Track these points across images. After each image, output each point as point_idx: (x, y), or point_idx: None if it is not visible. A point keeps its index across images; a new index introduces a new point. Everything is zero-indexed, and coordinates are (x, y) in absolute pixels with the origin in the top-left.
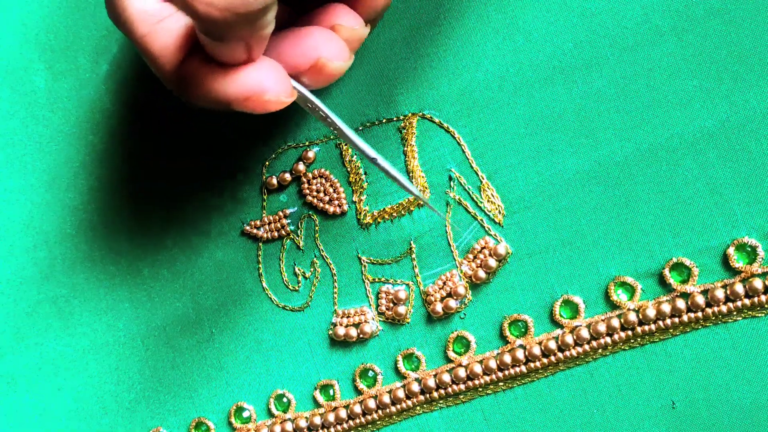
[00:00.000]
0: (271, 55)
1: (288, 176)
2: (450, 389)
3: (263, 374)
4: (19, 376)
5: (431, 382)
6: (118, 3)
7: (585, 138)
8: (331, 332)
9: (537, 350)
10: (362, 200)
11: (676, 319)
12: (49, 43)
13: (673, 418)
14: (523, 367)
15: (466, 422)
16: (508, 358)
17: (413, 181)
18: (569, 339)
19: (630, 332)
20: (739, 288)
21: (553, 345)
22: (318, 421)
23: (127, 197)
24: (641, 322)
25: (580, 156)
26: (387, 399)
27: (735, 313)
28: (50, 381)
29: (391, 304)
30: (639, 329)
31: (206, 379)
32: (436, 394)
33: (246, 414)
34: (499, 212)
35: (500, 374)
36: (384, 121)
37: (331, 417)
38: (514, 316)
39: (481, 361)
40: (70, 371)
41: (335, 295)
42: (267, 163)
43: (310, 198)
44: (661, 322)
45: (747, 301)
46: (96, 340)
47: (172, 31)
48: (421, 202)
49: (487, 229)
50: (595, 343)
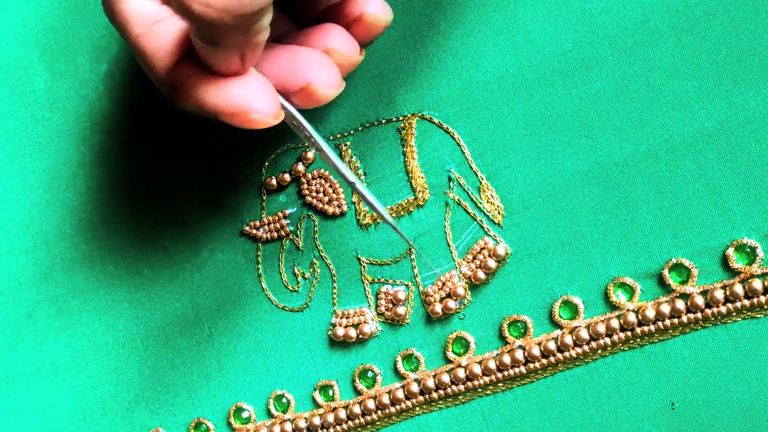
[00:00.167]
0: (264, 71)
1: (287, 177)
2: (449, 390)
3: (262, 375)
4: (19, 377)
5: (430, 383)
6: (114, 3)
7: (584, 138)
8: (330, 333)
9: (536, 351)
10: (362, 201)
11: (676, 320)
12: (49, 43)
13: (673, 418)
14: (523, 368)
15: (466, 423)
16: (507, 359)
17: (413, 181)
18: (569, 340)
19: (629, 333)
20: (739, 289)
21: (552, 346)
22: (317, 421)
23: (126, 197)
24: (640, 323)
25: (579, 156)
26: (386, 399)
27: (734, 314)
28: (50, 381)
29: (391, 305)
30: (638, 330)
31: (205, 379)
32: (435, 395)
33: (245, 414)
34: (499, 213)
35: (499, 375)
36: (383, 121)
37: (331, 417)
38: (514, 317)
39: (481, 362)
40: (70, 371)
41: (334, 296)
42: (266, 164)
43: (310, 198)
44: (660, 323)
45: (746, 302)
46: (95, 340)
47: (166, 34)
48: (421, 203)
49: (487, 230)
50: (594, 344)
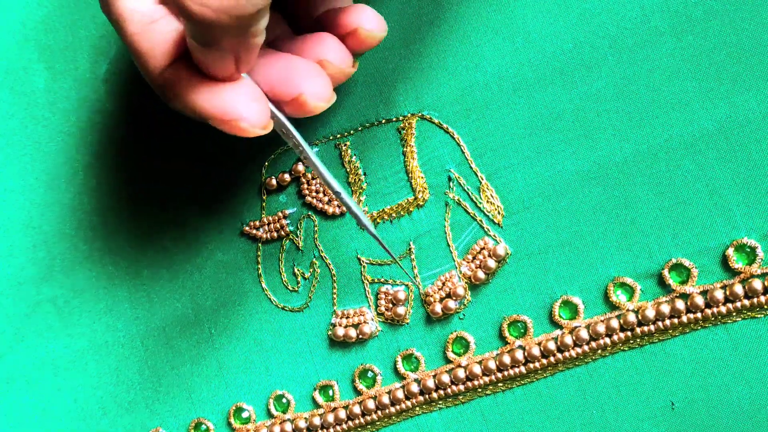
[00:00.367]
0: (257, 78)
1: (287, 177)
2: (449, 390)
3: (262, 375)
4: (19, 377)
5: (430, 383)
6: (111, 0)
7: (584, 139)
8: (330, 333)
9: (536, 351)
10: (361, 201)
11: (676, 320)
12: (49, 43)
13: (673, 418)
14: (523, 368)
15: (466, 423)
16: (507, 359)
17: (412, 181)
18: (568, 340)
19: (629, 333)
20: (739, 289)
21: (552, 346)
22: (317, 421)
23: (126, 198)
24: (640, 323)
25: (579, 157)
26: (386, 399)
27: (734, 314)
28: (49, 381)
29: (391, 305)
30: (638, 330)
31: (205, 379)
32: (435, 395)
33: (245, 414)
34: (499, 213)
35: (499, 375)
36: (383, 121)
37: (331, 417)
38: (514, 317)
39: (481, 362)
40: (70, 371)
41: (334, 296)
42: (266, 164)
43: (310, 198)
44: (660, 323)
45: (746, 302)
46: (95, 340)
47: (162, 34)
48: (421, 203)
49: (487, 230)
50: (594, 344)
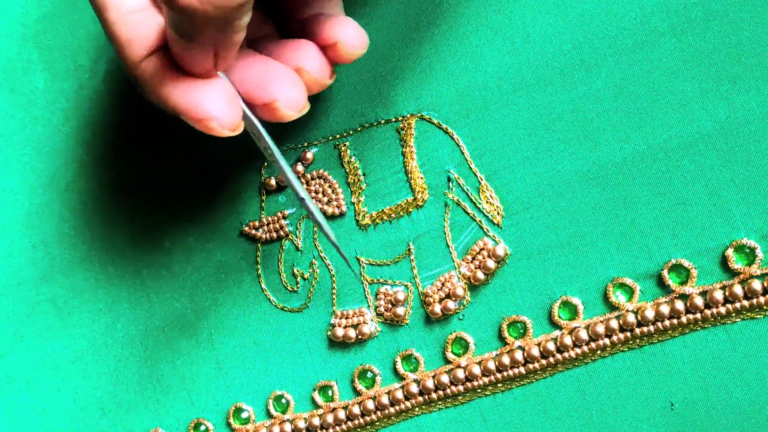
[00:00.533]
0: (233, 78)
1: None
2: (449, 390)
3: (262, 375)
4: (18, 377)
5: (430, 383)
6: None
7: (584, 139)
8: (329, 333)
9: (536, 351)
10: (361, 201)
11: (675, 321)
12: (49, 43)
13: (672, 419)
14: (522, 369)
15: (465, 423)
16: (506, 360)
17: (412, 182)
18: (568, 340)
19: (629, 333)
20: (738, 289)
21: (551, 346)
22: (317, 422)
23: (125, 198)
24: (640, 324)
25: (578, 157)
26: (386, 400)
27: (734, 315)
28: (49, 381)
29: (390, 305)
30: (638, 330)
31: (205, 379)
32: (434, 395)
33: (245, 415)
34: (498, 213)
35: (499, 375)
36: (382, 122)
37: (330, 418)
38: (513, 318)
39: (480, 363)
40: (69, 371)
41: (334, 296)
42: (265, 164)
43: None
44: (659, 324)
45: (746, 303)
46: (95, 340)
47: (141, 25)
48: (420, 204)
49: (486, 231)
50: (593, 345)
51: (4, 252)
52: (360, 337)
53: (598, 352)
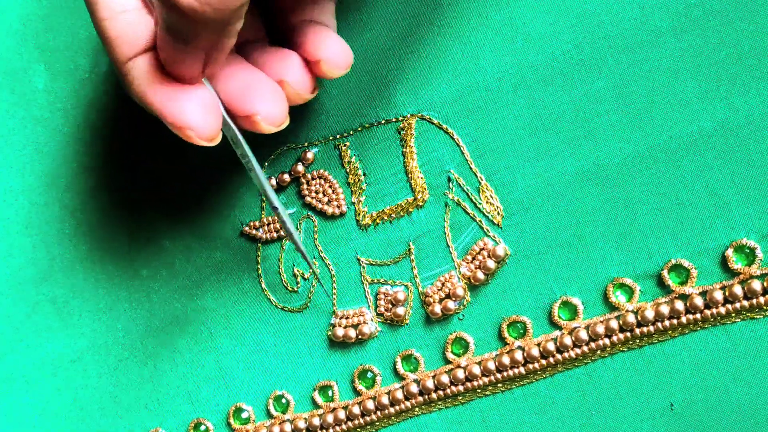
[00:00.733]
0: (216, 86)
1: (287, 177)
2: (449, 390)
3: (262, 375)
4: (19, 377)
5: (430, 384)
6: None
7: (584, 139)
8: (330, 333)
9: (536, 351)
10: (361, 201)
11: (675, 321)
12: (49, 43)
13: (672, 419)
14: (522, 369)
15: (465, 423)
16: (506, 360)
17: (412, 182)
18: (568, 340)
19: (629, 334)
20: (738, 290)
21: (551, 346)
22: (317, 422)
23: (125, 198)
24: (640, 324)
25: (579, 157)
26: (386, 400)
27: (733, 315)
28: (49, 381)
29: (390, 305)
30: (638, 331)
31: (205, 379)
32: (434, 395)
33: (245, 415)
34: (498, 213)
35: (499, 375)
36: (383, 122)
37: (330, 418)
38: (513, 318)
39: (480, 363)
40: (70, 371)
41: (334, 296)
42: (266, 164)
43: (309, 199)
44: (659, 324)
45: (745, 303)
46: (95, 340)
47: (131, 24)
48: (420, 204)
49: (486, 231)
50: (593, 345)
51: (5, 252)
52: (360, 337)
53: (598, 352)
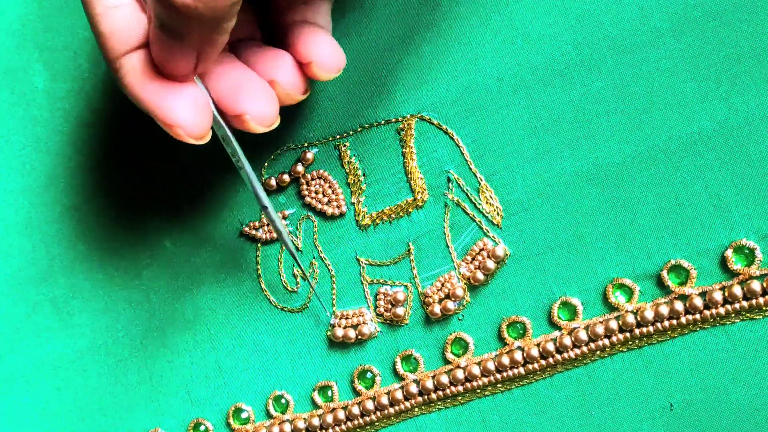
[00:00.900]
0: (208, 83)
1: (287, 177)
2: (448, 391)
3: (262, 375)
4: (18, 377)
5: (429, 384)
6: None
7: (583, 140)
8: (329, 333)
9: (535, 352)
10: (361, 201)
11: (674, 321)
12: (48, 43)
13: (671, 419)
14: (522, 369)
15: (465, 424)
16: (506, 360)
17: (411, 182)
18: (567, 341)
19: (628, 334)
20: (737, 290)
21: (551, 347)
22: (316, 422)
23: (125, 198)
24: (639, 324)
25: (578, 158)
26: (385, 400)
27: (733, 316)
28: (49, 381)
29: (390, 306)
30: (637, 331)
31: (204, 379)
32: (434, 396)
33: (244, 415)
34: (498, 214)
35: (498, 376)
36: (382, 122)
37: (330, 418)
38: (513, 318)
39: (480, 363)
40: (69, 372)
41: (334, 296)
42: (266, 165)
43: (309, 199)
44: (659, 324)
45: (745, 304)
46: (95, 340)
47: (124, 20)
48: (420, 204)
49: (486, 231)
50: (593, 345)
51: (4, 252)
52: (360, 337)
53: (598, 352)
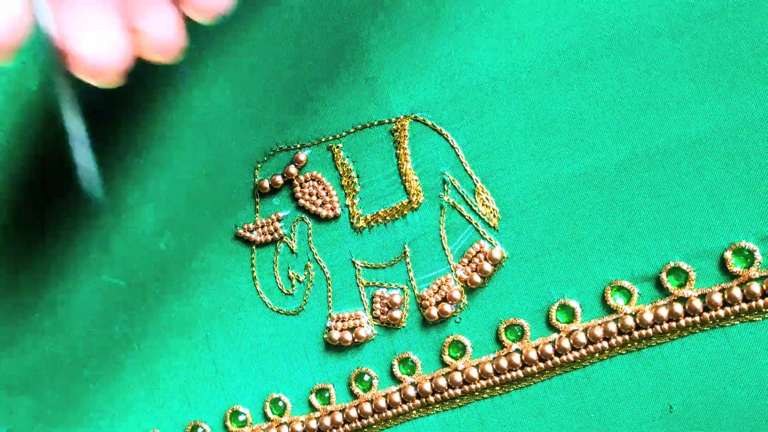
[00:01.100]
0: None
1: (280, 179)
2: (446, 394)
3: (259, 378)
4: (15, 381)
5: (427, 387)
6: None
7: (580, 141)
8: (325, 336)
9: (533, 355)
10: (355, 203)
11: (674, 324)
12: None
13: (671, 422)
14: (520, 372)
15: (463, 427)
16: (504, 363)
17: (406, 184)
18: (566, 343)
19: (627, 336)
20: (737, 292)
21: (549, 349)
22: (314, 425)
23: (121, 199)
24: (638, 327)
25: (575, 159)
26: (383, 403)
27: (732, 318)
28: (47, 384)
29: (386, 309)
30: (636, 333)
31: (202, 382)
32: (432, 399)
33: (242, 418)
34: (494, 216)
35: (496, 379)
36: (376, 123)
37: (327, 421)
38: (510, 321)
39: (478, 366)
40: (67, 374)
41: (329, 299)
42: (259, 166)
43: (303, 201)
44: (658, 327)
45: (744, 306)
46: (91, 343)
47: None
48: (415, 206)
49: (482, 233)
50: (591, 348)
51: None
52: (356, 340)
53: (596, 355)
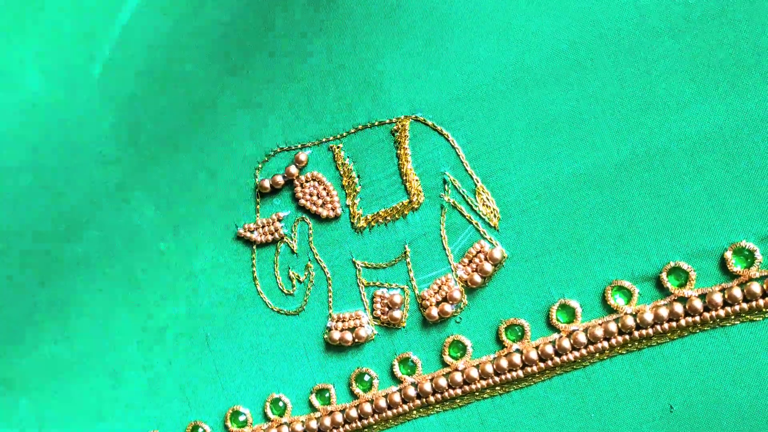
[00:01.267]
0: None
1: (280, 179)
2: (446, 393)
3: (259, 378)
4: (16, 381)
5: (427, 387)
6: None
7: (581, 141)
8: (326, 336)
9: (534, 355)
10: (356, 203)
11: (674, 323)
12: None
13: (671, 422)
14: (520, 372)
15: (463, 427)
16: (504, 363)
17: (407, 184)
18: (566, 343)
19: (627, 336)
20: (737, 292)
21: (550, 349)
22: (314, 425)
23: (121, 200)
24: (638, 327)
25: (576, 159)
26: (383, 403)
27: (733, 317)
28: (47, 385)
29: (386, 309)
30: (636, 333)
31: (202, 382)
32: (432, 399)
33: (242, 418)
34: (495, 216)
35: (497, 379)
36: (377, 123)
37: (327, 421)
38: (511, 321)
39: (478, 366)
40: (68, 374)
41: (330, 299)
42: (260, 166)
43: (304, 201)
44: (658, 327)
45: (745, 305)
46: (93, 342)
47: None
48: (416, 206)
49: (483, 233)
50: (592, 348)
51: (1, 255)
52: (357, 340)
53: (597, 355)
